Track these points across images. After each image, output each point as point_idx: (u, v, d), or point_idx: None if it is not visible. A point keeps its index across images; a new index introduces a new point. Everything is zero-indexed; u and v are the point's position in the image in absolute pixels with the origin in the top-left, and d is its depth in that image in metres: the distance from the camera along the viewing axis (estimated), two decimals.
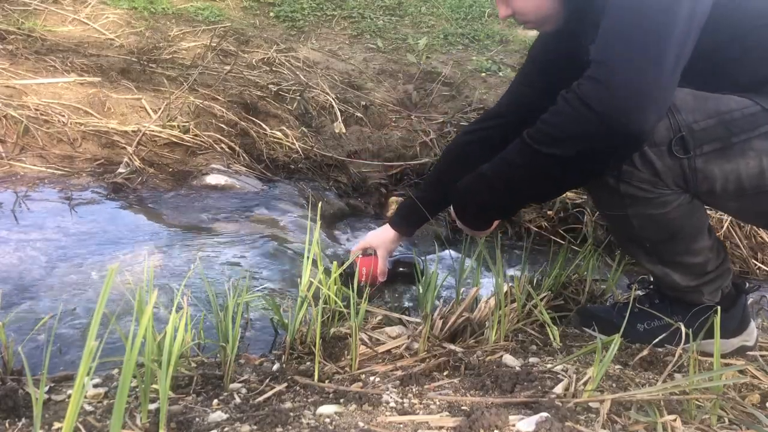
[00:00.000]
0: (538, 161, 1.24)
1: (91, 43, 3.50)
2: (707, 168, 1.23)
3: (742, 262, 2.41)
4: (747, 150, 1.20)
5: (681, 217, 1.30)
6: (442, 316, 1.44)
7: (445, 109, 3.60)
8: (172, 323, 0.98)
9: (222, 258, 1.89)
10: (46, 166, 2.35)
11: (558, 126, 1.20)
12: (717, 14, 1.23)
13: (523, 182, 1.31)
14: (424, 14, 5.35)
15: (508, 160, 1.30)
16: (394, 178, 2.99)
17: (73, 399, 0.77)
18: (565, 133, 1.18)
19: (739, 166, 1.21)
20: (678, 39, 1.12)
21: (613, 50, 1.14)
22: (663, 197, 1.27)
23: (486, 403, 1.03)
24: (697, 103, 1.22)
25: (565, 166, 1.23)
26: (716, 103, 1.22)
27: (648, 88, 1.11)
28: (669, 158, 1.22)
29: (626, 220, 1.33)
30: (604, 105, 1.12)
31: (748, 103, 1.22)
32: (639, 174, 1.25)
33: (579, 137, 1.17)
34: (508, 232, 2.54)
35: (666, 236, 1.34)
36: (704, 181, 1.24)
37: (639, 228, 1.33)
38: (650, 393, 1.04)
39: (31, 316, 1.47)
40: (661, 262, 1.39)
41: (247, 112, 3.04)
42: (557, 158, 1.20)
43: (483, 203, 1.42)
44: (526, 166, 1.27)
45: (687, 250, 1.35)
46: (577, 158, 1.20)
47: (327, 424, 0.97)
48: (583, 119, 1.14)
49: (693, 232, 1.34)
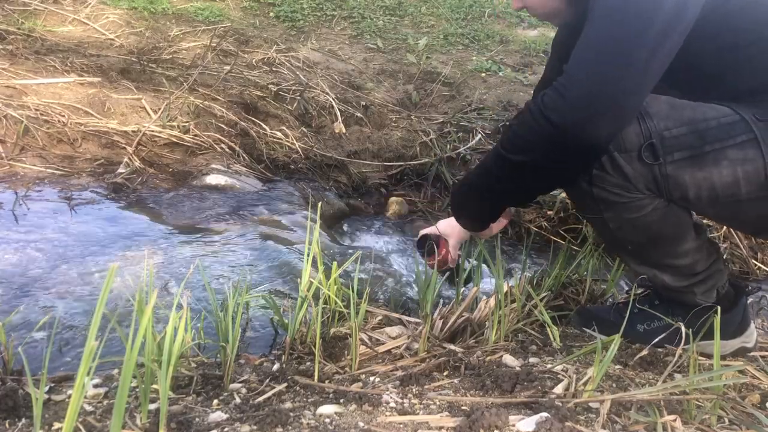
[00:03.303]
0: (507, 168, 1.30)
1: (91, 43, 3.49)
2: (678, 175, 1.23)
3: (742, 262, 2.41)
4: (720, 159, 1.20)
5: (658, 220, 1.30)
6: (442, 316, 1.44)
7: (445, 109, 3.60)
8: (172, 323, 0.98)
9: (222, 258, 1.89)
10: (46, 166, 2.35)
11: (521, 135, 1.25)
12: (717, 21, 1.23)
13: (498, 187, 1.37)
14: (424, 14, 5.35)
15: (487, 167, 1.37)
16: (394, 178, 2.99)
17: (73, 399, 0.77)
18: (528, 142, 1.24)
19: (712, 175, 1.21)
20: (643, 56, 1.13)
21: (580, 62, 1.18)
22: (637, 201, 1.28)
23: (486, 403, 1.03)
24: (672, 111, 1.24)
25: (531, 173, 1.28)
26: (693, 111, 1.23)
27: (604, 101, 1.14)
28: (639, 164, 1.24)
29: (604, 223, 1.35)
30: (560, 117, 1.16)
31: (727, 112, 1.22)
32: (610, 178, 1.26)
33: (540, 146, 1.23)
34: (508, 232, 2.54)
35: (645, 239, 1.34)
36: (676, 187, 1.25)
37: (617, 231, 1.34)
38: (650, 393, 1.04)
39: (31, 316, 1.47)
40: (647, 264, 1.40)
41: (247, 112, 3.04)
42: (523, 165, 1.26)
43: (471, 206, 1.49)
44: (499, 173, 1.33)
45: (671, 253, 1.36)
46: (541, 166, 1.25)
47: (327, 424, 0.97)
48: (541, 130, 1.19)
49: (674, 235, 1.34)
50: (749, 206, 1.24)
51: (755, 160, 1.19)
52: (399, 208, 2.72)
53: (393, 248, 2.31)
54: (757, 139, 1.19)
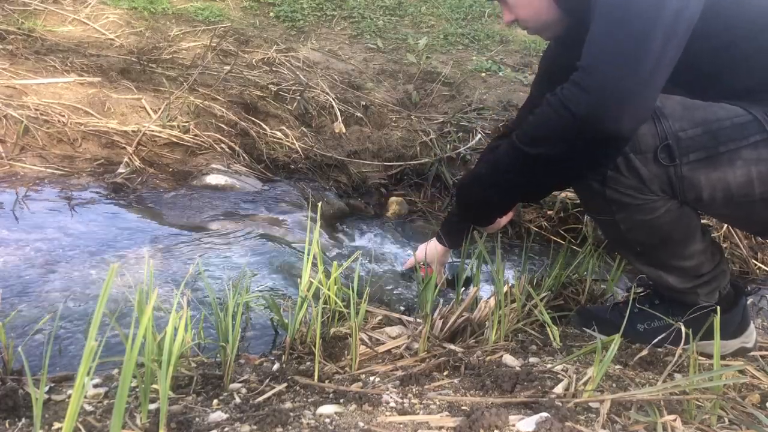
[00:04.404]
0: (522, 161, 1.28)
1: (91, 43, 3.49)
2: (693, 176, 1.23)
3: (742, 262, 2.41)
4: (735, 159, 1.21)
5: (670, 222, 1.30)
6: (442, 316, 1.44)
7: (445, 109, 3.60)
8: (172, 323, 0.98)
9: (222, 258, 1.89)
10: (46, 166, 2.35)
11: (540, 127, 1.24)
12: (713, 20, 1.23)
13: (512, 181, 1.35)
14: (424, 14, 5.35)
15: (499, 160, 1.35)
16: (394, 178, 2.99)
17: (73, 399, 0.77)
18: (546, 134, 1.23)
19: (727, 175, 1.22)
20: (658, 44, 1.13)
21: (595, 56, 1.17)
22: (650, 203, 1.28)
23: (486, 403, 1.03)
24: (685, 111, 1.23)
25: (547, 166, 1.26)
26: (705, 112, 1.23)
27: (624, 92, 1.13)
28: (654, 165, 1.24)
29: (615, 225, 1.34)
30: (581, 108, 1.15)
31: (740, 112, 1.22)
32: (624, 180, 1.26)
33: (559, 138, 1.21)
34: (508, 232, 2.54)
35: (656, 241, 1.34)
36: (691, 188, 1.25)
37: (628, 232, 1.34)
38: (650, 393, 1.04)
39: (31, 316, 1.47)
40: (653, 265, 1.40)
41: (247, 112, 3.04)
42: (540, 158, 1.25)
43: (480, 201, 1.46)
44: (513, 166, 1.31)
45: (679, 254, 1.36)
46: (558, 158, 1.24)
47: (327, 424, 0.97)
48: (562, 121, 1.18)
49: (683, 237, 1.34)
50: (762, 206, 1.24)
51: None
52: (399, 208, 2.72)
53: (393, 248, 2.31)
54: None
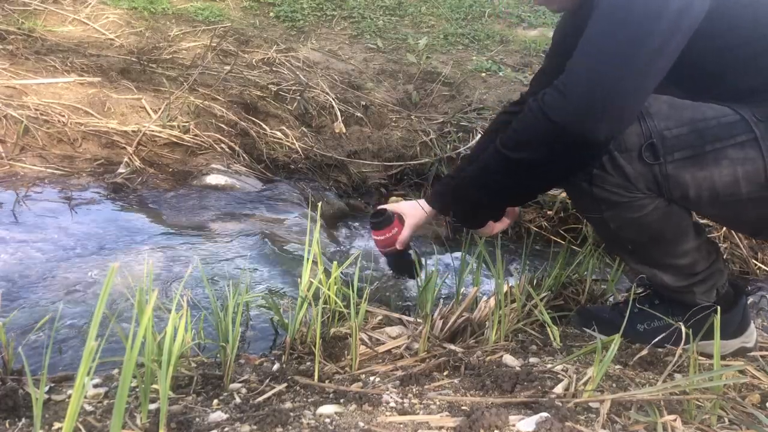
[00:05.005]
0: (506, 165, 1.30)
1: (91, 43, 3.49)
2: (679, 174, 1.23)
3: (742, 262, 2.41)
4: (721, 158, 1.21)
5: (659, 220, 1.30)
6: (442, 316, 1.44)
7: (445, 109, 3.60)
8: (172, 323, 0.98)
9: (222, 258, 1.89)
10: (46, 166, 2.35)
11: (521, 132, 1.26)
12: (718, 20, 1.23)
13: (498, 185, 1.37)
14: (424, 14, 5.35)
15: (485, 164, 1.37)
16: (394, 178, 3.00)
17: (73, 399, 0.77)
18: (527, 139, 1.24)
19: (713, 174, 1.22)
20: (653, 51, 1.13)
21: (582, 60, 1.18)
22: (637, 201, 1.28)
23: (486, 403, 1.03)
24: (672, 111, 1.24)
25: (529, 170, 1.28)
26: (692, 111, 1.24)
27: (604, 102, 1.14)
28: (639, 164, 1.24)
29: (604, 223, 1.35)
30: (560, 115, 1.16)
31: (728, 112, 1.22)
32: (610, 178, 1.26)
33: (539, 143, 1.23)
34: (508, 232, 2.54)
35: (646, 239, 1.34)
36: (677, 187, 1.25)
37: (618, 230, 1.34)
38: (650, 393, 1.04)
39: (31, 316, 1.47)
40: (647, 264, 1.40)
41: (247, 112, 3.04)
42: (522, 162, 1.26)
43: (469, 203, 1.47)
44: (498, 170, 1.33)
45: (671, 252, 1.36)
46: (540, 163, 1.25)
47: (327, 424, 0.96)
48: (541, 127, 1.20)
49: (675, 235, 1.34)
50: (750, 206, 1.24)
51: (755, 160, 1.19)
52: None
53: None
54: (758, 139, 1.19)
